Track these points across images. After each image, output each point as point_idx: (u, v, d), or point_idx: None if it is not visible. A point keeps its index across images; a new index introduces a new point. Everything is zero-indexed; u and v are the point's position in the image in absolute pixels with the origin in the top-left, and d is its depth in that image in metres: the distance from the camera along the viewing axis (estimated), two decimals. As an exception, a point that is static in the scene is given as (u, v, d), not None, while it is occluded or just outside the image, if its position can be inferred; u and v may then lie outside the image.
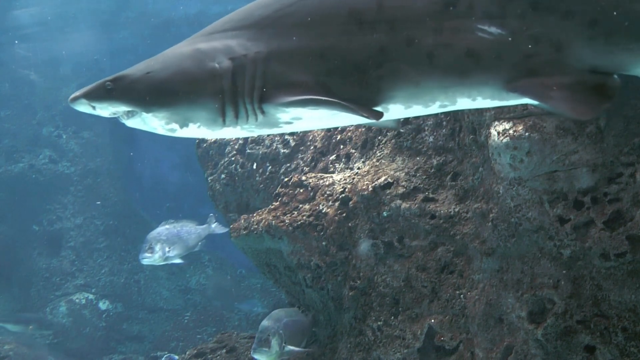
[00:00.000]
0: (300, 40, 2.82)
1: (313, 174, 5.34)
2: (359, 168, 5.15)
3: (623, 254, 3.36)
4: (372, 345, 4.49)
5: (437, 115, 4.60)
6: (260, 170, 6.48)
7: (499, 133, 3.62)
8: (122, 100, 2.92)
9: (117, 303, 12.32)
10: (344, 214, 4.81)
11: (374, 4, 2.79)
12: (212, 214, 8.34)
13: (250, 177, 6.57)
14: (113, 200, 13.19)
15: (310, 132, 6.18)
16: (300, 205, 5.08)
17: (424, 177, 4.50)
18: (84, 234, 12.83)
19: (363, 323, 4.60)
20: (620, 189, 3.42)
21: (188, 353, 6.57)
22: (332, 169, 5.61)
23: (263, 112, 2.88)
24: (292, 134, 6.31)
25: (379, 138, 5.06)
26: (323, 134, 5.96)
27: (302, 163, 6.10)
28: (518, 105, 3.51)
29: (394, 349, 4.34)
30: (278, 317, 5.33)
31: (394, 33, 2.74)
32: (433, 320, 4.24)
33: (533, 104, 3.19)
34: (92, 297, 12.25)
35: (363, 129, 5.37)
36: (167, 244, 7.66)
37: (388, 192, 4.53)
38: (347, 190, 4.86)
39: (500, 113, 3.71)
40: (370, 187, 4.60)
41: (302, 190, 5.18)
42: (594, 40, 2.70)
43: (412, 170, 4.57)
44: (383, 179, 4.59)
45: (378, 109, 2.82)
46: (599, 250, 3.42)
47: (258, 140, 6.59)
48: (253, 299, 12.13)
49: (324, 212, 4.90)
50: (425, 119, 4.69)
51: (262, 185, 6.43)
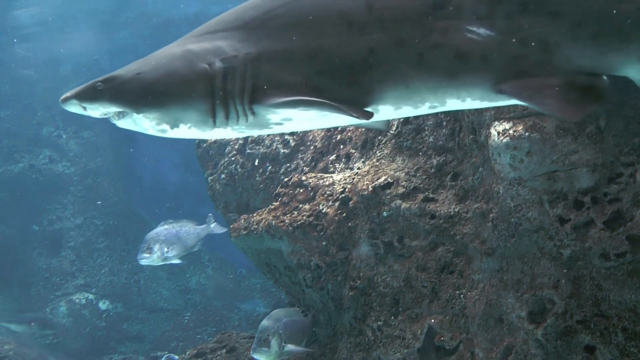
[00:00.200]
0: (290, 42, 2.82)
1: (313, 174, 5.34)
2: (359, 168, 5.15)
3: (623, 254, 3.36)
4: (372, 345, 4.49)
5: (437, 115, 4.60)
6: (260, 170, 6.47)
7: (499, 133, 3.62)
8: (112, 101, 2.93)
9: (117, 303, 12.32)
10: (344, 214, 4.80)
11: (364, 5, 2.79)
12: (210, 214, 8.33)
13: (250, 177, 6.57)
14: (113, 200, 13.19)
15: (310, 132, 6.17)
16: (300, 205, 5.08)
17: (424, 177, 4.50)
18: (84, 234, 12.83)
19: (363, 323, 4.60)
20: (620, 189, 3.42)
21: (188, 353, 6.57)
22: (332, 169, 5.61)
23: (253, 113, 2.88)
24: (292, 134, 6.31)
25: (379, 138, 5.06)
26: (323, 134, 5.96)
27: (302, 163, 6.10)
28: (518, 105, 3.51)
29: (394, 349, 4.34)
30: (278, 317, 5.33)
31: (384, 34, 2.75)
32: (433, 320, 4.24)
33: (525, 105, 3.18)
34: (92, 297, 12.25)
35: (363, 129, 5.37)
36: (165, 244, 7.63)
37: (388, 192, 4.53)
38: (347, 190, 4.85)
39: (500, 113, 3.71)
40: (370, 187, 4.60)
41: (302, 190, 5.18)
42: (582, 41, 2.69)
43: (412, 170, 4.57)
44: (383, 179, 4.59)
45: (368, 110, 2.82)
46: (599, 250, 3.42)
47: (258, 140, 6.59)
48: (255, 299, 12.12)
49: (324, 212, 4.90)
50: (426, 119, 4.69)
51: (262, 185, 6.42)
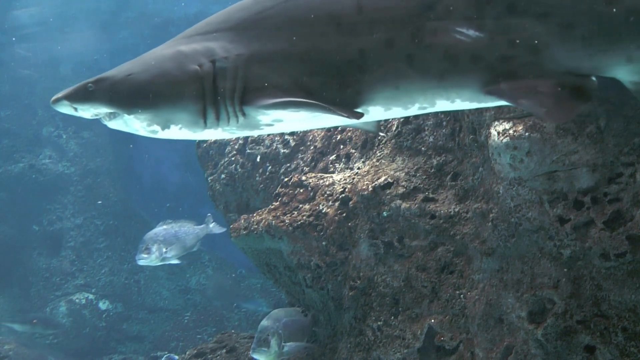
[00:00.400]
0: (281, 43, 2.82)
1: (313, 174, 5.34)
2: (359, 168, 5.15)
3: (623, 254, 3.36)
4: (372, 345, 4.49)
5: (437, 115, 4.60)
6: (260, 170, 6.47)
7: (499, 133, 3.62)
8: (103, 102, 2.93)
9: (117, 303, 12.32)
10: (344, 214, 4.80)
11: (354, 7, 2.79)
12: (209, 214, 8.32)
13: (250, 177, 6.57)
14: (113, 200, 13.19)
15: (310, 132, 6.17)
16: (300, 205, 5.08)
17: (424, 177, 4.50)
18: (84, 234, 12.83)
19: (363, 323, 4.60)
20: (620, 189, 3.42)
21: (188, 353, 6.57)
22: (332, 169, 5.61)
23: (244, 114, 2.88)
24: (292, 134, 6.31)
25: (379, 138, 5.06)
26: (323, 134, 5.96)
27: (302, 163, 6.09)
28: (518, 105, 3.51)
29: (394, 349, 4.34)
30: (277, 316, 5.33)
31: (374, 35, 2.75)
32: (433, 320, 4.24)
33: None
34: (92, 297, 12.25)
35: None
36: (164, 245, 7.61)
37: (388, 192, 4.53)
38: (347, 190, 4.85)
39: (501, 113, 3.71)
40: (370, 187, 4.60)
41: (302, 190, 5.18)
42: (571, 43, 2.69)
43: (412, 170, 4.57)
44: (383, 179, 4.59)
45: (358, 111, 2.82)
46: (599, 250, 3.42)
47: (258, 140, 6.59)
48: (258, 299, 12.11)
49: (324, 212, 4.90)
50: (425, 119, 4.69)
51: (262, 185, 6.42)
